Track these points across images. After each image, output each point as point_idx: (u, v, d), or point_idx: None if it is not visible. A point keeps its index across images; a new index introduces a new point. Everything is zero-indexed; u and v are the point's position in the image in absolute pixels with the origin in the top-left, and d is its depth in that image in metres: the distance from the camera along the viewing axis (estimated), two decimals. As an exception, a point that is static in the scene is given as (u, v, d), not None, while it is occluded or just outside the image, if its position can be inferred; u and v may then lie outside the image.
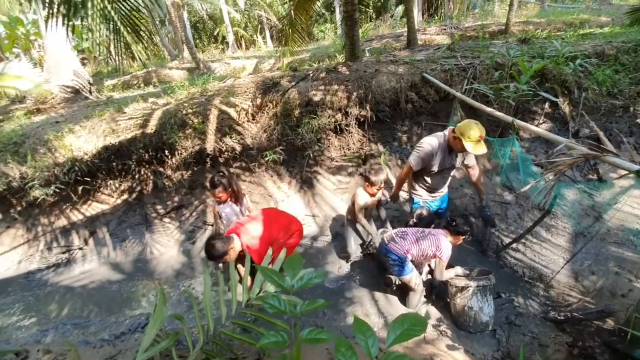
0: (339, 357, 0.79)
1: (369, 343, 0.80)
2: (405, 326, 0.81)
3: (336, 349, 0.82)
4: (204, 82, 6.02)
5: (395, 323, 0.82)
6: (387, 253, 2.89)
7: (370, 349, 0.79)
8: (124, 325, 3.16)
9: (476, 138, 2.71)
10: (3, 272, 4.27)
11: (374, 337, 0.81)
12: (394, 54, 5.73)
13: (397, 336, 0.81)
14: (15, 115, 6.15)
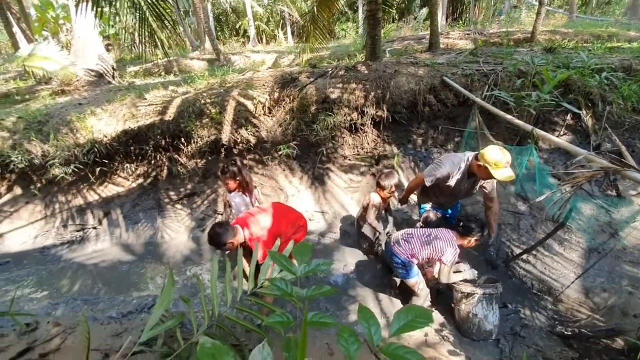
0: (342, 343, 0.80)
1: (372, 331, 0.81)
2: (410, 317, 0.82)
3: (339, 335, 0.83)
4: (224, 74, 6.09)
5: (399, 313, 0.83)
6: (392, 256, 2.87)
7: (372, 337, 0.80)
8: (132, 305, 3.25)
9: (503, 164, 2.53)
10: (20, 245, 4.42)
11: (377, 326, 0.82)
12: (415, 56, 5.69)
13: (400, 326, 0.81)
14: (40, 95, 6.36)
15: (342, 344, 0.82)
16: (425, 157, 4.49)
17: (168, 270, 2.18)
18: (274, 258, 0.93)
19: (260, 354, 0.70)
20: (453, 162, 2.82)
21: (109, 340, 2.53)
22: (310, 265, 0.92)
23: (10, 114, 5.02)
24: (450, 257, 2.69)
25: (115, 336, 2.58)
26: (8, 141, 4.50)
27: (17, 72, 9.75)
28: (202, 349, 0.65)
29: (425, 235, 2.83)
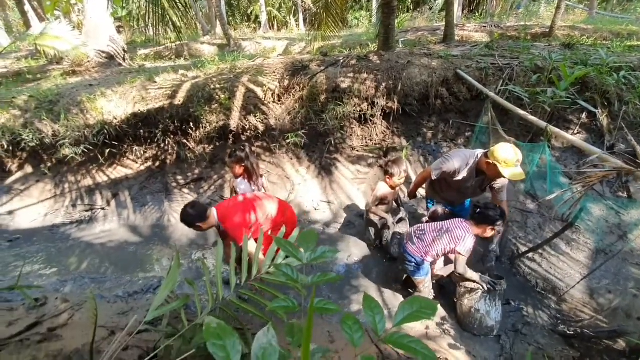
0: (346, 330, 0.80)
1: (376, 319, 0.81)
2: (415, 308, 0.82)
3: (343, 322, 0.83)
4: (234, 59, 6.04)
5: (405, 304, 0.83)
6: (405, 253, 2.80)
7: (377, 325, 0.80)
8: (137, 285, 3.30)
9: (514, 162, 2.42)
10: (30, 222, 4.51)
11: (382, 314, 0.82)
12: (429, 47, 5.58)
13: (405, 316, 0.81)
14: (52, 75, 6.40)
15: (346, 331, 0.82)
16: (434, 150, 4.44)
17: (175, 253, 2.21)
18: (280, 244, 0.93)
19: (265, 336, 0.71)
20: (461, 158, 2.74)
21: (115, 318, 2.58)
22: (316, 252, 0.92)
23: (22, 93, 5.07)
24: (467, 246, 2.51)
25: (121, 314, 2.64)
26: (20, 120, 4.55)
27: (29, 51, 9.81)
28: (209, 328, 0.65)
29: (437, 229, 2.69)
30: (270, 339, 0.70)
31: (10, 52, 9.68)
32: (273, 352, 0.68)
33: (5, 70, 7.52)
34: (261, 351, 0.68)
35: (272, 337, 0.71)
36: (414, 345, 0.77)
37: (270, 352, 0.68)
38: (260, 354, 0.67)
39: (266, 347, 0.68)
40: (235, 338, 0.65)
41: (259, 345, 0.68)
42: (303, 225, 4.16)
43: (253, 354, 0.67)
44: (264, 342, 0.69)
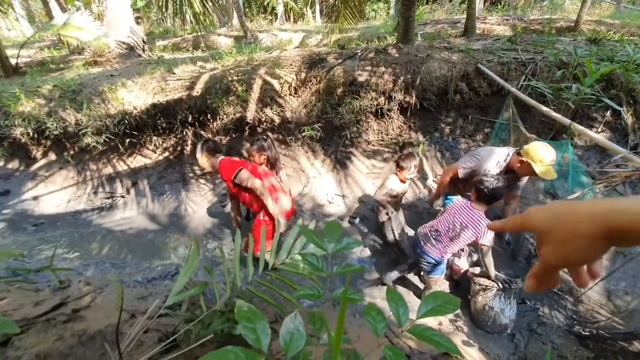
0: (369, 320, 0.81)
1: (399, 311, 0.82)
2: (438, 302, 0.82)
3: (366, 312, 0.84)
4: (251, 51, 6.06)
5: (427, 298, 0.83)
6: (423, 254, 2.76)
7: (400, 317, 0.81)
8: (156, 272, 3.40)
9: (549, 162, 2.43)
10: (54, 208, 4.67)
11: (405, 307, 0.83)
12: (449, 41, 5.47)
13: (428, 310, 0.82)
14: (74, 65, 6.55)
15: (369, 320, 0.83)
16: (452, 146, 4.38)
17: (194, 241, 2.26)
18: (305, 234, 0.94)
19: (293, 322, 0.72)
20: (493, 158, 2.68)
21: (135, 302, 2.67)
22: (341, 243, 0.93)
23: (46, 82, 5.21)
24: (488, 237, 2.45)
25: (141, 299, 2.72)
26: (44, 108, 4.69)
27: (51, 41, 10.05)
28: (240, 311, 0.68)
29: (451, 229, 2.60)
30: (297, 324, 0.72)
31: (33, 42, 9.93)
32: (300, 337, 0.70)
33: (29, 59, 7.73)
34: (289, 335, 0.69)
35: (299, 323, 0.72)
36: (437, 338, 0.78)
37: (298, 337, 0.70)
38: (288, 338, 0.69)
39: (293, 332, 0.70)
40: (265, 322, 0.67)
41: (286, 330, 0.70)
42: (317, 218, 4.18)
43: (281, 337, 0.69)
44: (292, 327, 0.71)
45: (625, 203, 0.40)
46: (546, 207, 0.50)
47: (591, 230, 0.42)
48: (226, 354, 0.56)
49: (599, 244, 0.42)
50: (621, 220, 0.40)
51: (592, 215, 0.43)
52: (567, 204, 0.48)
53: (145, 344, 1.91)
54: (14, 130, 4.57)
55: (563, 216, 0.46)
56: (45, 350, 1.74)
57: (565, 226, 0.45)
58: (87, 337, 1.94)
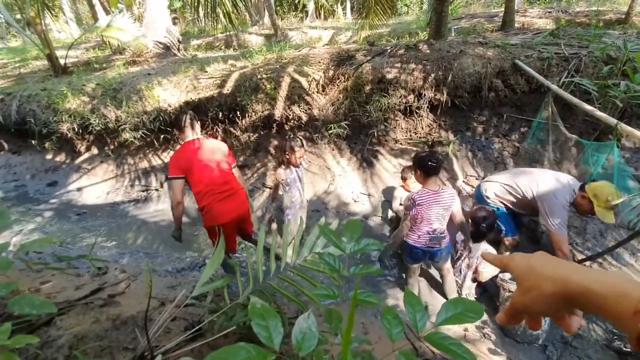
0: (385, 324, 0.80)
1: (417, 317, 0.80)
2: (459, 309, 0.79)
3: (383, 315, 0.83)
4: (280, 49, 6.12)
5: (449, 304, 0.80)
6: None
7: (417, 323, 0.78)
8: (185, 263, 3.54)
9: (612, 205, 2.41)
10: (95, 199, 4.99)
11: (423, 312, 0.80)
12: (485, 36, 5.23)
13: (448, 317, 0.78)
14: (115, 65, 6.93)
15: (385, 325, 0.82)
16: (484, 146, 4.20)
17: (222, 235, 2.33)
18: (323, 233, 0.94)
19: (306, 321, 0.72)
20: (564, 206, 2.62)
21: (165, 291, 2.80)
22: (360, 244, 0.92)
23: (90, 81, 5.56)
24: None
25: (171, 288, 2.85)
26: (88, 105, 5.00)
27: (96, 42, 10.69)
28: (253, 308, 0.69)
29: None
30: (310, 324, 0.72)
31: (80, 43, 10.60)
32: (312, 336, 0.70)
33: (76, 59, 8.27)
34: (301, 335, 0.70)
35: (312, 323, 0.72)
36: (455, 348, 0.75)
37: (310, 337, 0.70)
38: (300, 338, 0.69)
39: (306, 332, 0.70)
40: (277, 320, 0.68)
41: (299, 329, 0.71)
42: (342, 216, 4.17)
43: (293, 337, 0.70)
44: (304, 326, 0.71)
45: (582, 275, 0.45)
46: (528, 256, 0.55)
47: (550, 290, 0.48)
48: (238, 350, 0.57)
49: (557, 303, 0.48)
50: (574, 291, 0.45)
51: (554, 277, 0.48)
52: (546, 257, 0.53)
53: (173, 331, 2.00)
54: (62, 126, 4.92)
55: (536, 269, 0.51)
56: (82, 331, 1.87)
57: (532, 279, 0.51)
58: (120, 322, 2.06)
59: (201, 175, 2.72)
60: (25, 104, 5.25)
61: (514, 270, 0.55)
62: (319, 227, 0.99)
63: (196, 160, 2.73)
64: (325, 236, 0.91)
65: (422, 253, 2.73)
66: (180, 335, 1.72)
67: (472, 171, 4.12)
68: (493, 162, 4.11)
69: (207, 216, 2.81)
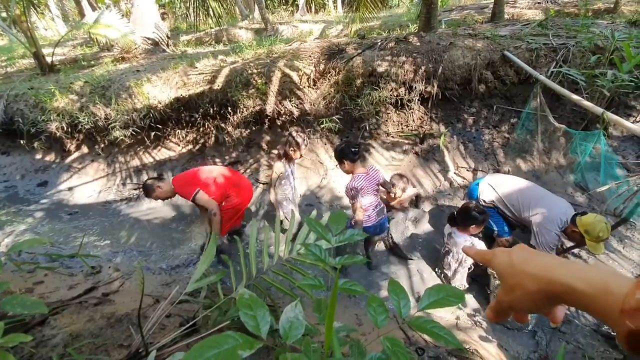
0: (370, 312, 0.82)
1: (400, 304, 0.82)
2: (441, 295, 0.81)
3: (368, 303, 0.85)
4: (271, 44, 6.08)
5: (431, 290, 0.83)
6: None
7: (401, 309, 0.81)
8: (179, 260, 3.55)
9: (602, 241, 2.46)
10: (86, 198, 4.94)
11: (406, 299, 0.82)
12: (474, 27, 5.25)
13: (430, 302, 0.81)
14: (103, 62, 6.82)
15: (370, 312, 0.84)
16: (475, 137, 4.24)
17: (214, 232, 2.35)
18: (310, 225, 0.96)
19: (293, 310, 0.74)
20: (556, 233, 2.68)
21: (159, 288, 2.81)
22: (345, 235, 0.94)
23: (78, 79, 5.47)
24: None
25: (165, 285, 2.86)
26: (77, 103, 4.93)
27: (83, 39, 10.49)
28: (241, 299, 0.70)
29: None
30: (297, 313, 0.74)
31: (67, 40, 10.40)
32: (299, 325, 0.72)
33: (63, 57, 8.13)
34: (288, 324, 0.72)
35: (299, 312, 0.74)
36: (437, 330, 0.78)
37: (297, 325, 0.72)
38: (287, 327, 0.71)
39: (293, 321, 0.72)
40: (265, 310, 0.69)
41: (286, 318, 0.72)
42: (335, 210, 4.19)
43: (280, 325, 0.71)
44: (291, 315, 0.73)
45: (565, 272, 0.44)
46: (509, 252, 0.54)
47: (534, 288, 0.47)
48: (225, 338, 0.59)
49: (541, 300, 0.47)
50: (558, 289, 0.44)
51: (537, 274, 0.47)
52: (527, 253, 0.52)
53: (167, 327, 2.01)
54: (50, 125, 4.86)
55: (517, 266, 0.50)
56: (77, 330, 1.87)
57: (515, 276, 0.50)
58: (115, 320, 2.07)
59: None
60: (13, 104, 5.17)
61: (497, 267, 0.54)
62: (307, 220, 1.00)
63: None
64: (312, 228, 0.92)
65: (373, 229, 2.95)
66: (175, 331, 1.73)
67: (463, 163, 4.17)
68: (484, 153, 4.16)
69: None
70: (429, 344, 2.25)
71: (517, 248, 0.54)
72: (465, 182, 4.03)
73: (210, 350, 0.56)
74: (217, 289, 1.94)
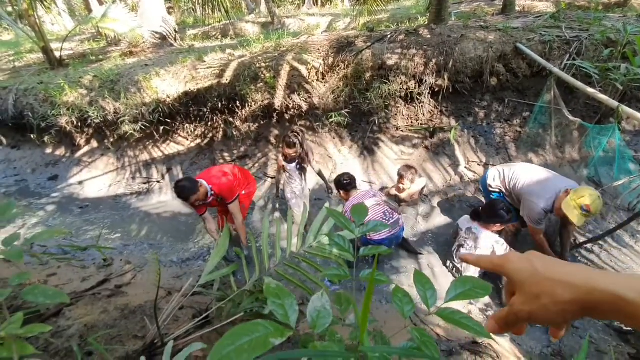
0: (396, 302, 0.81)
1: (427, 294, 0.81)
2: (468, 287, 0.80)
3: (394, 294, 0.84)
4: (279, 37, 6.04)
5: (457, 282, 0.81)
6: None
7: (427, 300, 0.79)
8: (189, 253, 3.57)
9: (581, 204, 2.40)
10: (97, 192, 4.99)
11: (433, 290, 0.81)
12: (486, 20, 5.16)
13: (457, 294, 0.80)
14: (112, 56, 6.85)
15: (396, 302, 0.83)
16: (486, 131, 4.19)
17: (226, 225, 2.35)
18: (332, 215, 0.95)
19: (320, 300, 0.73)
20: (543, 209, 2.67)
21: (171, 281, 2.83)
22: (368, 225, 0.93)
23: (87, 73, 5.50)
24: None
25: (176, 278, 2.88)
26: (86, 98, 4.96)
27: (91, 34, 10.53)
28: (269, 288, 0.69)
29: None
30: (324, 302, 0.73)
31: (74, 35, 10.44)
32: (327, 314, 0.71)
33: (71, 52, 8.17)
34: (316, 313, 0.71)
35: (326, 302, 0.73)
36: (466, 321, 0.76)
37: (324, 315, 0.71)
38: (315, 316, 0.70)
39: (320, 310, 0.71)
40: (293, 298, 0.68)
41: (313, 308, 0.72)
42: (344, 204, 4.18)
43: (308, 315, 0.70)
44: (319, 305, 0.72)
45: (609, 281, 0.41)
46: (526, 258, 0.49)
47: (569, 298, 0.42)
48: (256, 326, 0.58)
49: (572, 311, 0.43)
50: (601, 299, 0.40)
51: (573, 282, 0.43)
52: (547, 260, 0.47)
53: (181, 319, 2.02)
54: (60, 119, 4.89)
55: (544, 273, 0.45)
56: (92, 321, 1.89)
57: (542, 284, 0.45)
58: (128, 311, 2.09)
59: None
60: (22, 98, 5.21)
61: (513, 273, 0.48)
62: (328, 211, 0.99)
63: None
64: (335, 218, 0.91)
65: (388, 242, 2.98)
66: (188, 323, 1.74)
67: (474, 157, 4.12)
68: (495, 148, 4.11)
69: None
70: (441, 338, 2.24)
71: (535, 254, 0.49)
72: (476, 176, 3.99)
73: (243, 338, 0.56)
74: (230, 282, 1.95)
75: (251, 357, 0.54)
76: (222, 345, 0.54)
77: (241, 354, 0.54)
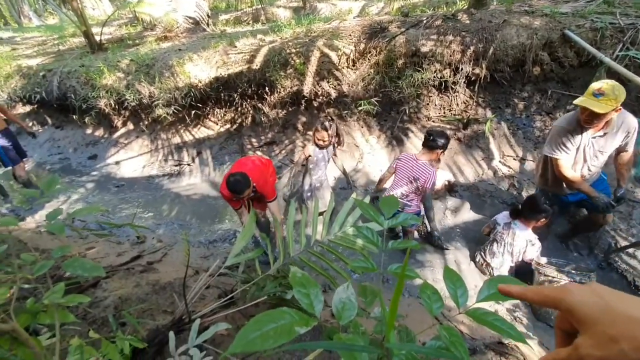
0: (424, 299, 0.78)
1: (457, 293, 0.77)
2: (502, 286, 0.76)
3: (422, 291, 0.81)
4: (310, 23, 5.95)
5: (491, 281, 0.77)
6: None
7: (458, 299, 0.76)
8: (217, 235, 3.67)
9: (592, 90, 2.17)
10: (132, 172, 5.22)
11: (464, 288, 0.78)
12: (531, 4, 4.81)
13: (490, 294, 0.76)
14: (147, 41, 7.03)
15: (424, 299, 0.80)
16: (525, 124, 3.95)
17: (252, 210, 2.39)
18: (362, 207, 0.93)
19: (345, 292, 0.72)
20: (562, 129, 2.50)
21: (199, 261, 2.93)
22: (399, 219, 0.90)
23: (125, 57, 5.69)
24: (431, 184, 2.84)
25: (204, 258, 2.98)
26: (123, 81, 5.15)
27: (128, 19, 10.86)
28: (294, 277, 0.69)
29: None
30: (349, 294, 0.72)
31: (113, 20, 10.81)
32: (352, 306, 0.70)
33: (110, 36, 8.47)
34: (341, 304, 0.69)
35: (352, 293, 0.72)
36: (499, 323, 0.73)
37: (349, 307, 0.69)
38: (340, 307, 0.69)
39: (345, 302, 0.70)
40: (318, 289, 0.67)
41: (338, 299, 0.70)
42: (370, 194, 4.13)
43: (333, 306, 0.69)
44: (344, 296, 0.71)
45: None
46: (592, 289, 0.41)
47: None
48: (282, 314, 0.57)
49: None
50: None
51: None
52: (620, 294, 0.40)
53: (207, 298, 2.09)
54: (99, 101, 5.12)
55: (619, 311, 0.37)
56: (126, 294, 1.99)
57: (619, 324, 0.37)
58: (159, 287, 2.19)
59: None
60: (66, 80, 5.49)
61: (575, 307, 0.40)
62: (356, 201, 0.97)
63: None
64: (363, 210, 0.89)
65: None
66: (214, 302, 1.80)
67: (509, 151, 3.92)
68: (533, 142, 3.88)
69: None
70: (465, 336, 2.18)
71: (600, 286, 0.41)
72: (511, 171, 3.80)
73: (269, 325, 0.56)
74: (255, 265, 1.98)
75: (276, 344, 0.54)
76: (248, 330, 0.54)
77: (266, 340, 0.54)
